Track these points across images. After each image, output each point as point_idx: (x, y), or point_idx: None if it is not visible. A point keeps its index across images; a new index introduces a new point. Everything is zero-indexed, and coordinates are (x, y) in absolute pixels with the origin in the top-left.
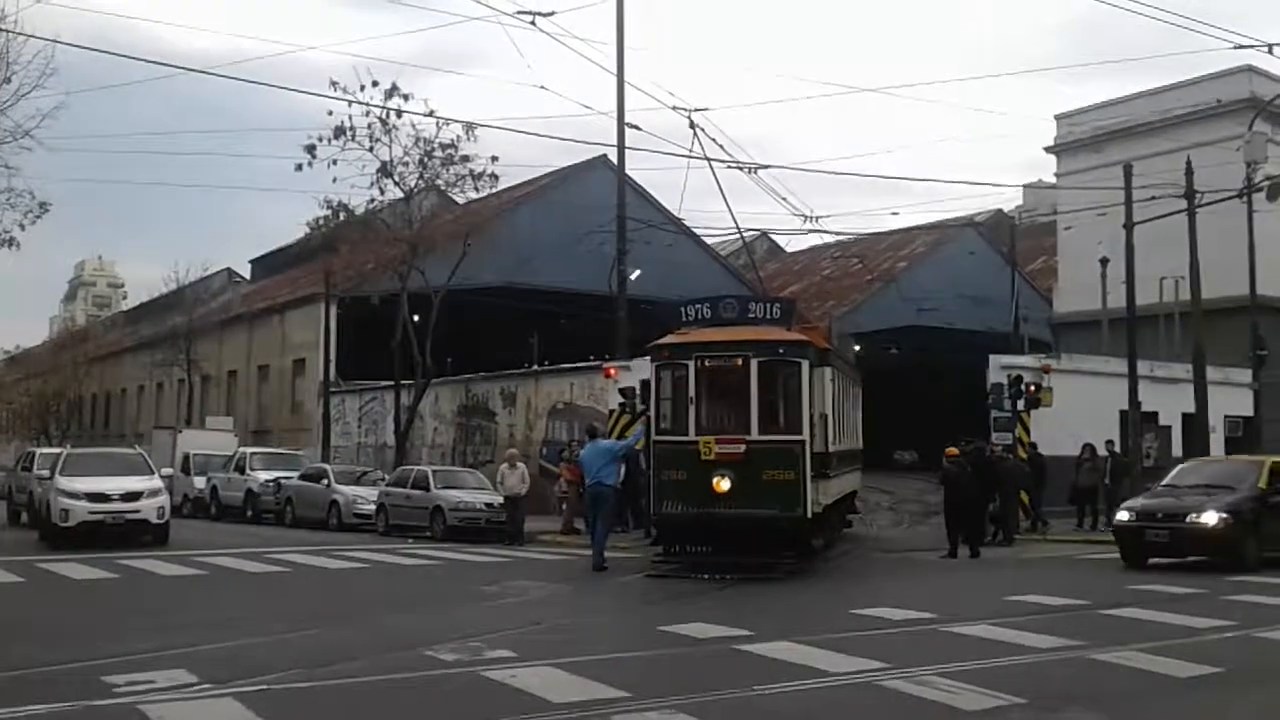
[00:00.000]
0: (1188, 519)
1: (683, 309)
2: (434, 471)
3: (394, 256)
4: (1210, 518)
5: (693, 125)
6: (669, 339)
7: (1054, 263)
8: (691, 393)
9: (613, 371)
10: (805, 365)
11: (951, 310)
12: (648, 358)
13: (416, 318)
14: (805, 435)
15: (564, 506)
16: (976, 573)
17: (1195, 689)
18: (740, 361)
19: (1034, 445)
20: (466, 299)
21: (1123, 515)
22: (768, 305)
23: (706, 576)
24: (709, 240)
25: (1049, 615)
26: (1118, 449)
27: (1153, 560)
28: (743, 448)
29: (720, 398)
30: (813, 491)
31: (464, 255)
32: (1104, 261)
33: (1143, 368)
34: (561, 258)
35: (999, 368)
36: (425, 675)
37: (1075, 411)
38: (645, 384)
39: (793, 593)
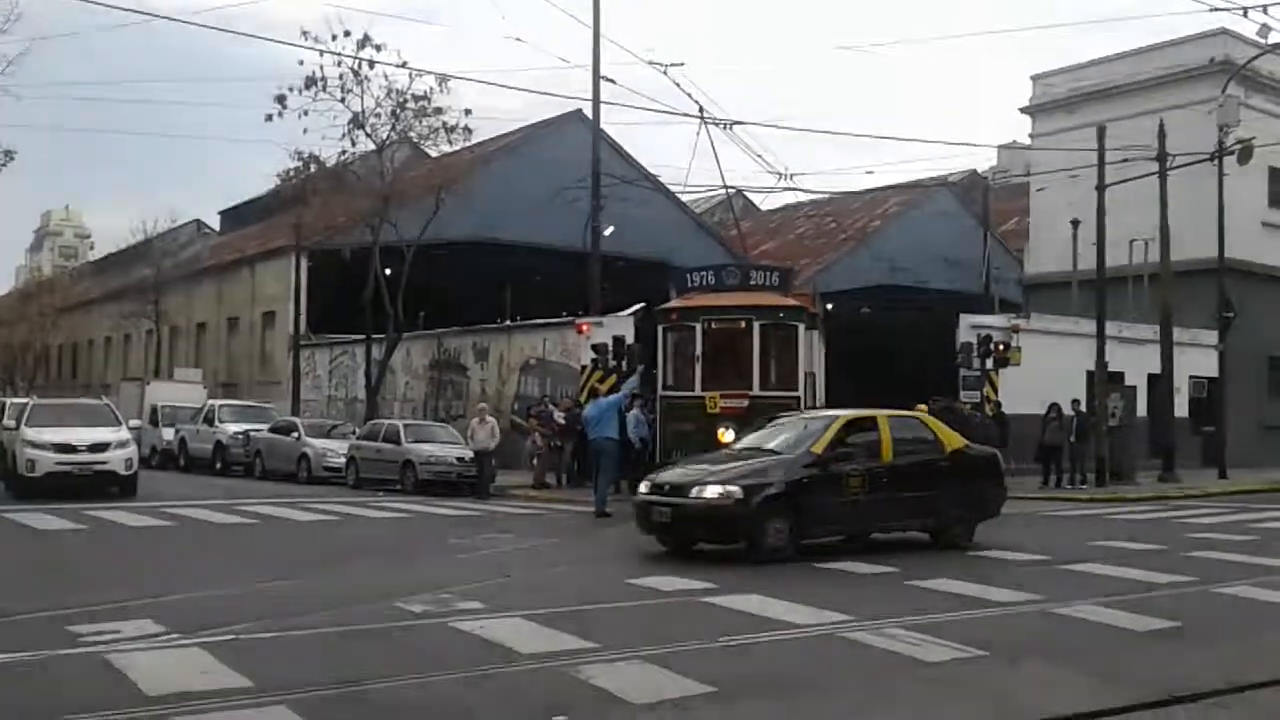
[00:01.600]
0: (691, 493)
1: (688, 275)
2: (405, 425)
3: (365, 209)
4: (712, 492)
5: (702, 114)
6: (676, 303)
7: (1026, 224)
8: (698, 352)
9: (585, 327)
10: (801, 328)
11: (924, 270)
12: (632, 317)
13: (388, 271)
14: (800, 391)
15: (535, 461)
16: None
17: (1151, 642)
18: (744, 324)
19: (998, 404)
20: (439, 253)
21: (643, 486)
22: (767, 272)
23: None
24: (684, 197)
25: (1012, 569)
26: (1084, 408)
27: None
28: (746, 402)
29: (724, 357)
30: None
31: (437, 209)
32: (1075, 223)
33: (1111, 328)
34: (535, 213)
35: (969, 327)
36: (394, 626)
37: (1043, 371)
38: (619, 340)
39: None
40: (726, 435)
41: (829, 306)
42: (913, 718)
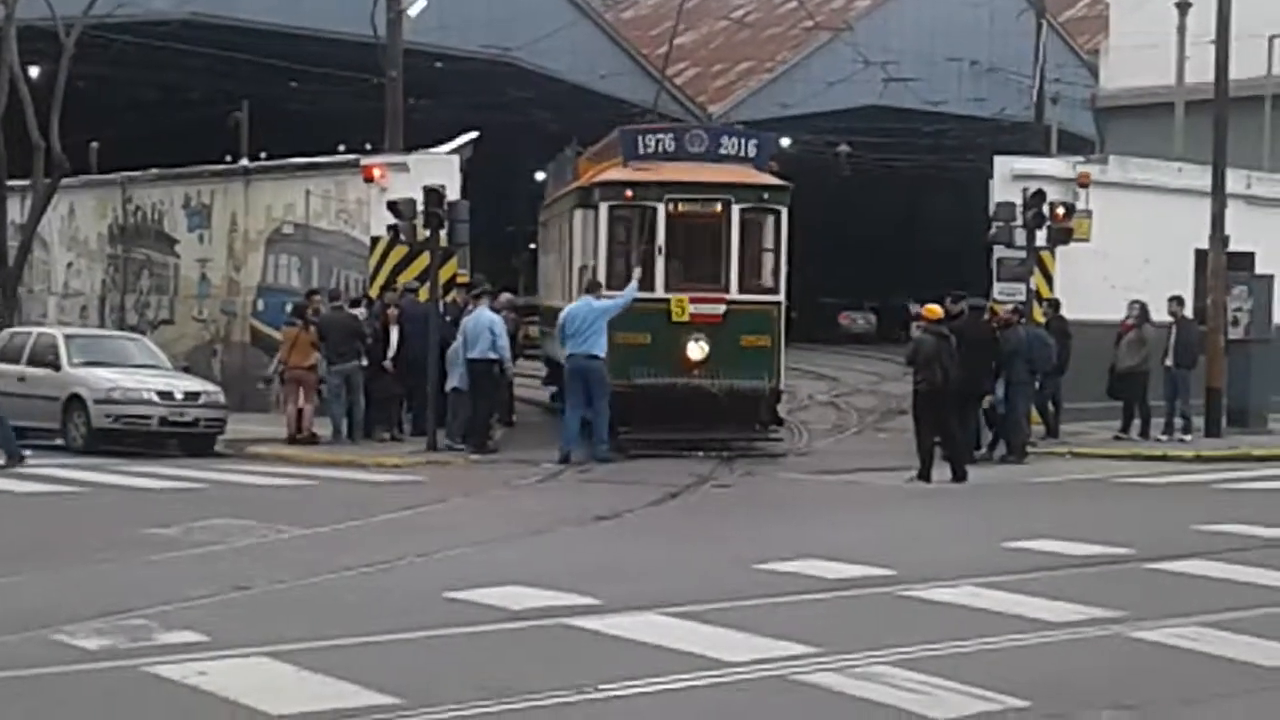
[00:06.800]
0: None
1: (639, 139)
2: (68, 337)
3: None
4: None
5: None
6: (626, 174)
7: (1104, 8)
8: (661, 241)
9: (378, 172)
10: (784, 213)
11: (938, 82)
12: (456, 156)
13: (34, 71)
14: (783, 295)
15: (288, 401)
16: (961, 505)
17: None
18: (719, 207)
19: (1055, 304)
20: (125, 42)
21: None
22: (741, 140)
23: (700, 454)
24: None
25: (1070, 571)
26: (1189, 311)
27: None
28: (722, 308)
29: (693, 250)
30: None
31: None
32: (1183, 7)
33: (1235, 181)
34: None
35: (1009, 177)
36: (53, 674)
37: (1127, 250)
38: (435, 194)
39: (665, 535)
40: (698, 351)
41: (784, 143)
42: None
